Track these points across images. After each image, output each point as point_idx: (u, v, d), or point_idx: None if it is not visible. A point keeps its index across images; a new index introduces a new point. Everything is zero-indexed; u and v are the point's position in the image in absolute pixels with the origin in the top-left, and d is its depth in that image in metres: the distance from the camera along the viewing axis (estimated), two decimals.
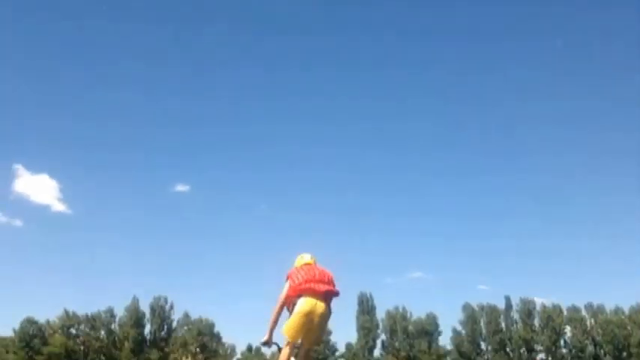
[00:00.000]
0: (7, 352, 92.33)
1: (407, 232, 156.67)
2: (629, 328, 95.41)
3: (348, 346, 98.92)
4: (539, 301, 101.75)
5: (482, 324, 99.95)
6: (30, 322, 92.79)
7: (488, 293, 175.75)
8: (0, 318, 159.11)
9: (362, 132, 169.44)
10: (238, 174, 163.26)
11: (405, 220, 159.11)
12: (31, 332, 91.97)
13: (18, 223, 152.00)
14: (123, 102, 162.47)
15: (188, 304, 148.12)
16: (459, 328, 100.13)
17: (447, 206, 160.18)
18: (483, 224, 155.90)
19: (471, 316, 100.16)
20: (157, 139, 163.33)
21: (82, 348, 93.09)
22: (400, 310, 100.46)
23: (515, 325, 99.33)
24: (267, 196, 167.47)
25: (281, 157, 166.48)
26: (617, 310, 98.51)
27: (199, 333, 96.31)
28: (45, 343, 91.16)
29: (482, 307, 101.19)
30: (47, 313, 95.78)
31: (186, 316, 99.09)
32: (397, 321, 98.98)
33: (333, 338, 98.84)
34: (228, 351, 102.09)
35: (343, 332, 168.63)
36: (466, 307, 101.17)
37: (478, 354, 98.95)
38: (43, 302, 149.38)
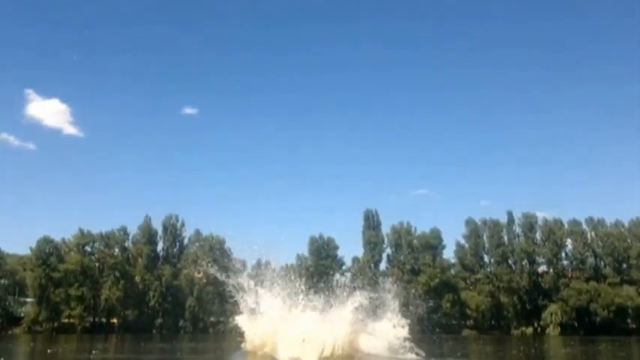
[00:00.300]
0: (25, 270, 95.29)
1: (411, 149, 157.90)
2: (628, 240, 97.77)
3: (355, 260, 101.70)
4: (540, 215, 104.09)
5: (484, 238, 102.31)
6: (46, 241, 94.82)
7: (490, 208, 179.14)
8: (18, 238, 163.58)
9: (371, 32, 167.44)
10: (246, 97, 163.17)
11: (409, 137, 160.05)
12: (47, 251, 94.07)
13: (31, 146, 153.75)
14: (132, 28, 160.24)
15: (199, 222, 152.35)
16: (463, 242, 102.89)
17: (447, 122, 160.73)
18: (484, 139, 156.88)
19: (474, 231, 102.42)
20: (166, 64, 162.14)
21: (97, 265, 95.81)
22: (405, 225, 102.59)
23: (517, 239, 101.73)
24: (275, 118, 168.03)
25: (292, 82, 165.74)
26: (618, 223, 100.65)
27: (210, 249, 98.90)
28: (61, 260, 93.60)
29: (485, 222, 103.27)
30: (63, 232, 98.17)
31: (198, 233, 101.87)
32: (402, 236, 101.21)
33: (340, 253, 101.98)
34: (239, 266, 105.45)
35: (350, 247, 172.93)
36: (469, 222, 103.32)
37: (481, 266, 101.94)
38: (58, 222, 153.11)
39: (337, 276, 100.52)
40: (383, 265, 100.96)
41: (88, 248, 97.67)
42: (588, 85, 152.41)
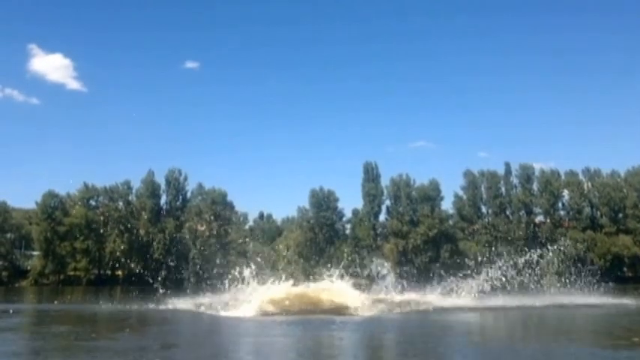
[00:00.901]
0: (31, 223, 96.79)
1: (409, 101, 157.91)
2: (625, 190, 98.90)
3: (355, 211, 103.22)
4: (537, 166, 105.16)
5: (482, 189, 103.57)
6: (51, 195, 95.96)
7: (488, 160, 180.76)
8: (23, 192, 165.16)
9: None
10: (246, 51, 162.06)
11: (404, 89, 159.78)
12: (52, 205, 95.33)
13: (34, 101, 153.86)
14: None
15: (201, 175, 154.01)
16: (461, 193, 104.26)
17: (445, 75, 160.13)
18: (482, 93, 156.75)
19: (472, 182, 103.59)
20: (168, 17, 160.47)
21: (101, 218, 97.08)
22: (404, 177, 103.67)
23: (514, 190, 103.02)
24: (275, 71, 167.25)
25: (293, 34, 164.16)
26: (614, 174, 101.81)
27: (213, 202, 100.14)
28: (66, 214, 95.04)
29: (482, 174, 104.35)
30: (68, 186, 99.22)
31: (200, 186, 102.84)
32: (401, 187, 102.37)
33: (340, 205, 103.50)
34: (241, 219, 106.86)
35: (350, 199, 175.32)
36: (467, 174, 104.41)
37: (479, 217, 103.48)
38: (63, 176, 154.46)
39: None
40: (382, 217, 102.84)
41: (92, 202, 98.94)
42: (584, 30, 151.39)
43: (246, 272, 19.32)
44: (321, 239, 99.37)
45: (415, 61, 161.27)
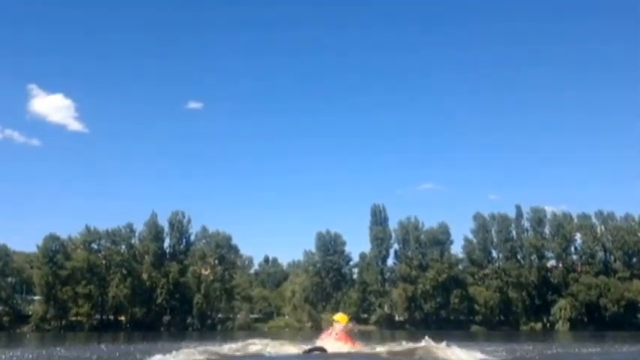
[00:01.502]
0: (32, 267, 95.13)
1: (417, 143, 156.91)
2: (639, 234, 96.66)
3: (362, 255, 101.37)
4: (549, 209, 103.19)
5: (493, 232, 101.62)
6: (53, 238, 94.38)
7: (499, 203, 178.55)
8: (24, 235, 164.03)
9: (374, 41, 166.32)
10: (250, 90, 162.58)
11: (415, 131, 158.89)
12: (54, 248, 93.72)
13: (35, 142, 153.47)
14: (135, 23, 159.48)
15: (205, 218, 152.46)
16: (471, 237, 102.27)
17: (454, 117, 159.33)
18: (492, 134, 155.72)
19: (482, 225, 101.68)
20: (170, 58, 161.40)
21: (103, 262, 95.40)
22: (412, 220, 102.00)
23: (525, 233, 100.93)
24: (279, 114, 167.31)
25: (298, 75, 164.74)
26: (628, 217, 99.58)
27: (217, 246, 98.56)
28: (68, 258, 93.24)
29: (493, 217, 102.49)
30: (69, 229, 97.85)
31: (204, 229, 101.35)
32: (409, 231, 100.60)
33: (347, 249, 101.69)
34: (246, 262, 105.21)
35: (357, 243, 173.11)
36: (477, 217, 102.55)
37: (489, 261, 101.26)
38: (64, 219, 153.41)
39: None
40: (390, 261, 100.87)
41: (94, 245, 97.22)
42: (597, 82, 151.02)
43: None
44: (328, 284, 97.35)
45: (423, 102, 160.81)
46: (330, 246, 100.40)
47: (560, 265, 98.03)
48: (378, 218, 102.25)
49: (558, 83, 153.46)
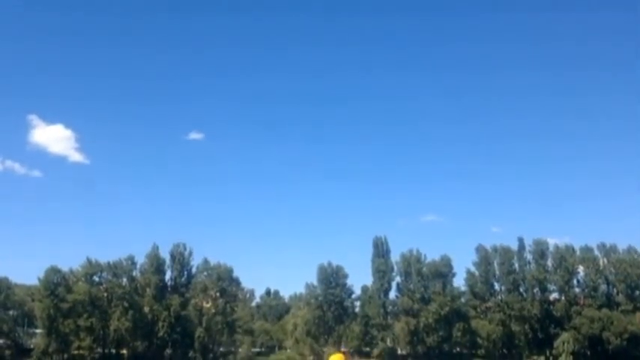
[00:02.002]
0: (33, 300, 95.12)
1: (419, 175, 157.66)
2: None
3: (364, 288, 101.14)
4: (552, 242, 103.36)
5: (495, 265, 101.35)
6: (54, 271, 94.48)
7: (501, 235, 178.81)
8: (25, 268, 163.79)
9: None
10: (250, 123, 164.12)
11: (416, 163, 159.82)
12: (55, 281, 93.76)
13: (36, 174, 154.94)
14: (136, 52, 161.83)
15: (207, 250, 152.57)
16: (473, 269, 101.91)
17: (457, 149, 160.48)
18: (495, 166, 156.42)
19: (484, 258, 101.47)
20: (171, 88, 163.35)
21: (105, 295, 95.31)
22: (414, 252, 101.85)
23: (528, 266, 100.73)
24: (281, 145, 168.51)
25: (299, 105, 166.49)
26: (630, 250, 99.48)
27: (219, 278, 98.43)
28: (69, 291, 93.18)
29: (495, 249, 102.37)
30: (70, 262, 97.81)
31: (206, 262, 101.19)
32: (412, 263, 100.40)
33: (349, 281, 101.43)
34: (247, 295, 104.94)
35: (359, 275, 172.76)
36: (480, 249, 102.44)
37: (492, 294, 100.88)
38: (65, 251, 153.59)
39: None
40: (392, 294, 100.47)
41: (96, 278, 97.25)
42: (601, 111, 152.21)
43: None
44: (330, 317, 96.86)
45: (424, 133, 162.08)
46: (332, 279, 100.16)
47: (563, 298, 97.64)
48: (380, 250, 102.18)
49: (561, 111, 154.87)
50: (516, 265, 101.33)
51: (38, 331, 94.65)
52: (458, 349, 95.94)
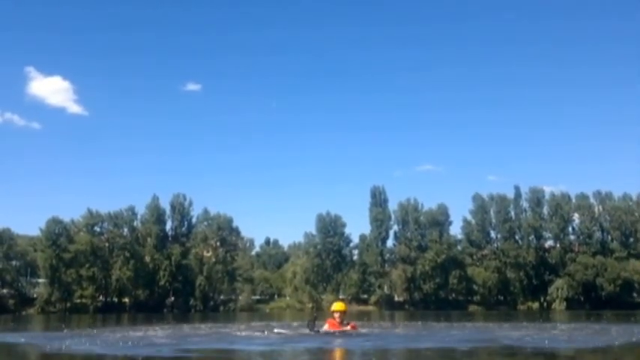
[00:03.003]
0: (36, 250, 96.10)
1: (414, 124, 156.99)
2: (636, 214, 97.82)
3: (362, 237, 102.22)
4: (548, 189, 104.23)
5: (491, 213, 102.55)
6: (56, 221, 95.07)
7: (497, 184, 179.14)
8: (26, 219, 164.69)
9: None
10: (248, 73, 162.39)
11: (411, 112, 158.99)
12: (57, 231, 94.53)
13: (35, 125, 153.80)
14: (134, 3, 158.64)
15: (206, 200, 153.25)
16: (469, 217, 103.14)
17: (452, 97, 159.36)
18: (490, 114, 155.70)
19: (480, 206, 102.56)
20: (168, 39, 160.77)
21: (106, 245, 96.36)
22: (412, 201, 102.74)
23: (524, 214, 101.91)
24: (278, 95, 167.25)
25: (296, 57, 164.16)
26: (625, 197, 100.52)
27: (219, 228, 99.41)
28: (71, 241, 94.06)
29: (491, 197, 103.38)
30: (71, 212, 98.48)
31: (206, 212, 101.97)
32: (409, 212, 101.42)
33: (347, 230, 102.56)
34: (247, 244, 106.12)
35: (357, 224, 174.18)
36: (476, 198, 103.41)
37: (488, 242, 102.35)
38: (66, 202, 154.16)
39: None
40: (390, 242, 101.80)
41: (97, 228, 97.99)
42: (594, 58, 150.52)
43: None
44: (329, 265, 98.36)
45: (420, 81, 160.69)
46: (331, 227, 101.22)
47: (558, 245, 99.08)
48: (378, 200, 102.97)
49: (556, 59, 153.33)
50: (512, 213, 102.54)
51: (41, 280, 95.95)
52: (454, 295, 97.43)
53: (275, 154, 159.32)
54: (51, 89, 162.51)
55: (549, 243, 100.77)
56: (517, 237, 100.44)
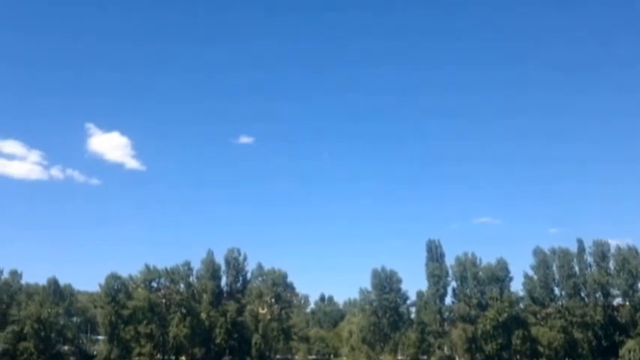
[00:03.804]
0: (96, 307, 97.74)
1: (472, 176, 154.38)
2: None
3: (419, 294, 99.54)
4: (613, 243, 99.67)
5: (554, 268, 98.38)
6: (114, 277, 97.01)
7: (559, 236, 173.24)
8: (86, 273, 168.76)
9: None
10: (301, 125, 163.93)
11: (467, 164, 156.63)
12: (115, 287, 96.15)
13: (95, 181, 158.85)
14: (188, 60, 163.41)
15: (261, 255, 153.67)
16: (531, 273, 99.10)
17: (509, 149, 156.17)
18: (550, 166, 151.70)
19: (542, 261, 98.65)
20: (221, 94, 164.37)
21: (163, 301, 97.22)
22: (469, 256, 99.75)
23: (589, 269, 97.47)
24: (330, 146, 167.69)
25: (350, 107, 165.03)
26: None
27: (273, 284, 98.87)
28: (129, 297, 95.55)
29: (554, 251, 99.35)
30: (129, 266, 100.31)
31: (260, 267, 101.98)
32: (467, 267, 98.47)
33: (403, 287, 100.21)
34: (302, 301, 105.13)
35: (413, 280, 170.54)
36: (537, 252, 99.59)
37: (551, 299, 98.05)
38: (125, 256, 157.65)
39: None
40: (448, 299, 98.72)
41: (154, 284, 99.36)
42: None
43: None
44: (385, 324, 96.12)
45: (477, 133, 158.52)
46: (386, 283, 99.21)
47: (627, 302, 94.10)
48: (434, 254, 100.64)
49: (614, 111, 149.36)
50: (576, 268, 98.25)
51: (100, 337, 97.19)
52: (518, 357, 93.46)
53: (328, 206, 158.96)
54: (110, 145, 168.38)
55: (618, 300, 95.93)
56: (583, 294, 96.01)
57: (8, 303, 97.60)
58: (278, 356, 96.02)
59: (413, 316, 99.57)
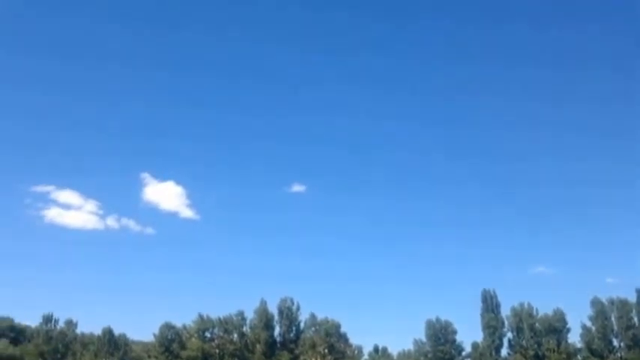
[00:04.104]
0: (149, 356, 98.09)
1: (527, 225, 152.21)
2: None
3: (475, 345, 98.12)
4: None
5: (613, 319, 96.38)
6: (168, 327, 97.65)
7: (617, 286, 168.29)
8: (141, 322, 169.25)
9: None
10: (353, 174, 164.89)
11: (522, 212, 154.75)
12: (169, 337, 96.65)
13: (150, 230, 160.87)
14: (236, 107, 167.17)
15: (313, 304, 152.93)
16: (589, 324, 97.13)
17: (564, 194, 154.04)
18: (606, 212, 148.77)
19: (600, 311, 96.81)
20: (273, 141, 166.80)
21: (217, 351, 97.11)
22: (526, 306, 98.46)
23: None
24: (382, 193, 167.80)
25: (399, 154, 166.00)
26: None
27: (327, 334, 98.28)
28: (183, 347, 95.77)
29: (612, 302, 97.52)
30: (183, 317, 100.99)
31: (313, 316, 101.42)
32: (523, 318, 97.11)
33: (458, 337, 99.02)
34: (356, 352, 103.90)
35: (469, 331, 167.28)
36: (595, 302, 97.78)
37: (610, 351, 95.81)
38: (178, 306, 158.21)
39: None
40: (504, 351, 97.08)
41: (207, 334, 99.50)
42: None
43: None
44: None
45: (529, 180, 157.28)
46: (441, 334, 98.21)
47: None
48: (490, 305, 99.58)
49: None
50: (635, 319, 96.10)
51: None
52: None
53: (381, 255, 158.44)
54: (165, 194, 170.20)
55: None
56: None
57: (64, 352, 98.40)
58: None
59: None
